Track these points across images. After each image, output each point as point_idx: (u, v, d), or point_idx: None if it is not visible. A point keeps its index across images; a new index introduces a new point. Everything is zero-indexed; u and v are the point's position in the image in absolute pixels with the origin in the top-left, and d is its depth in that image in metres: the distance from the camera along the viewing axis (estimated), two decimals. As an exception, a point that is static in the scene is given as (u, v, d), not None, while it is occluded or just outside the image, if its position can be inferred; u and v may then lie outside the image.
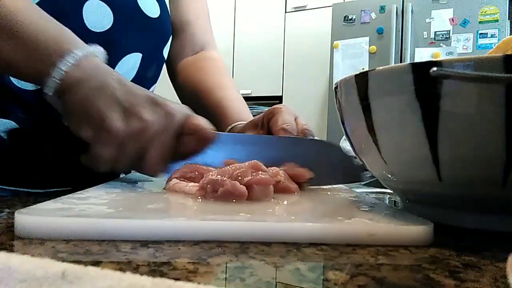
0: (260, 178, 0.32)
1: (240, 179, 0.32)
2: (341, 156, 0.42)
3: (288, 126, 0.44)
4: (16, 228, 0.23)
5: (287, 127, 0.44)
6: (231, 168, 0.33)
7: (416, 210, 0.31)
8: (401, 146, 0.27)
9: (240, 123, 0.55)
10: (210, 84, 0.64)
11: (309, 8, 3.31)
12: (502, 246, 0.25)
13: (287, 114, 0.46)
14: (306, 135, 0.45)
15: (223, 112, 0.59)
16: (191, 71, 0.67)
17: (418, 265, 0.20)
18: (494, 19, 2.41)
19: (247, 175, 0.32)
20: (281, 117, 0.45)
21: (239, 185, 0.31)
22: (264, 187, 0.32)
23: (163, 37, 0.59)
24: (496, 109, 0.22)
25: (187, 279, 0.17)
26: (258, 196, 0.31)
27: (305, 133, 0.45)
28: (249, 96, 3.57)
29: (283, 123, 0.44)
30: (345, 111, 0.32)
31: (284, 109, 0.47)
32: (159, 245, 0.22)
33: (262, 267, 0.19)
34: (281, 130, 0.43)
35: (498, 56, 0.22)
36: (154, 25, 0.55)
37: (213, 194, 0.31)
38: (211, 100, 0.61)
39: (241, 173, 0.32)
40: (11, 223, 0.26)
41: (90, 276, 0.15)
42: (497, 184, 0.24)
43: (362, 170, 0.42)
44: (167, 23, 0.59)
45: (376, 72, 0.27)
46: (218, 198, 0.31)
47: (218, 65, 0.68)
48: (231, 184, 0.30)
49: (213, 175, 0.32)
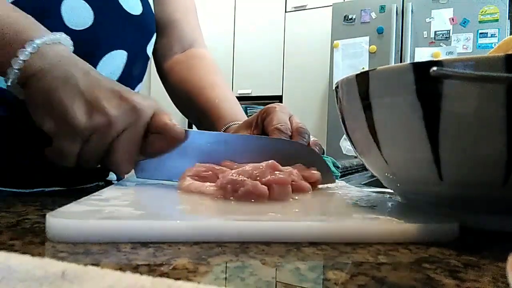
0: (279, 177, 0.32)
1: (259, 179, 0.32)
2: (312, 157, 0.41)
3: (283, 126, 0.43)
4: (48, 231, 0.22)
5: (281, 126, 0.43)
6: (249, 167, 0.33)
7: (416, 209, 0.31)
8: (402, 146, 0.27)
9: (235, 123, 0.54)
10: (202, 84, 0.63)
11: (309, 8, 3.31)
12: (502, 246, 0.25)
13: (281, 113, 0.45)
14: (301, 134, 0.44)
15: (216, 113, 0.58)
16: (182, 70, 0.67)
17: (418, 264, 0.20)
18: (494, 19, 2.41)
19: (266, 175, 0.32)
20: (275, 117, 0.44)
21: (260, 185, 0.31)
22: (283, 186, 0.32)
23: (147, 35, 0.58)
24: (497, 109, 0.22)
25: (187, 279, 0.17)
26: (277, 196, 0.32)
27: (300, 132, 0.44)
28: (249, 95, 3.57)
29: (277, 122, 0.43)
30: (346, 111, 0.32)
31: (278, 108, 0.46)
32: (159, 244, 0.22)
33: (262, 266, 0.19)
34: (275, 130, 0.43)
35: (499, 56, 0.22)
36: (137, 23, 0.54)
37: (233, 194, 0.31)
38: (203, 100, 0.60)
39: (260, 173, 0.32)
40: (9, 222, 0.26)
41: (90, 276, 0.15)
42: (498, 184, 0.24)
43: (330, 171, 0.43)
44: (151, 21, 0.58)
45: (377, 72, 0.27)
46: (238, 198, 0.31)
47: (209, 63, 0.68)
48: (252, 184, 0.30)
49: (232, 175, 0.32)
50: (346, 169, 1.30)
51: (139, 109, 0.36)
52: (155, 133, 0.38)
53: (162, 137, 0.38)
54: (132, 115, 0.36)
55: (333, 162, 1.13)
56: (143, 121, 0.36)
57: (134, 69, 0.56)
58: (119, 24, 0.52)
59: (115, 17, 0.51)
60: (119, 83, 0.38)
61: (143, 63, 0.59)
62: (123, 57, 0.53)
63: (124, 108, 0.35)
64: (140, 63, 0.58)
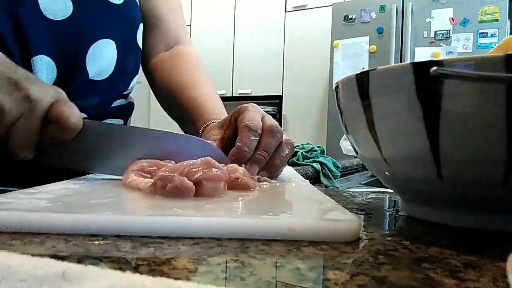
0: (210, 174, 0.31)
1: (191, 175, 0.31)
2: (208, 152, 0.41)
3: (252, 123, 0.43)
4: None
5: (250, 124, 0.43)
6: (183, 164, 0.33)
7: (416, 209, 0.31)
8: (401, 146, 0.27)
9: (213, 122, 0.54)
10: (184, 82, 0.62)
11: (309, 8, 3.31)
12: (502, 246, 0.25)
13: (253, 112, 0.45)
14: (272, 133, 0.43)
15: (196, 112, 0.58)
16: (166, 69, 0.66)
17: (418, 264, 0.20)
18: (494, 19, 2.41)
19: (198, 172, 0.32)
20: (246, 115, 0.44)
21: (187, 181, 0.30)
22: (214, 183, 0.32)
23: (131, 24, 0.58)
24: (497, 108, 0.22)
25: (187, 279, 0.17)
26: (208, 192, 0.31)
27: (272, 131, 0.44)
28: (249, 95, 3.57)
29: (247, 120, 0.43)
30: (346, 110, 0.32)
31: (251, 107, 0.46)
32: (159, 244, 0.22)
33: (262, 266, 0.19)
34: (245, 128, 0.43)
35: (499, 56, 0.22)
36: (119, 12, 0.54)
37: (161, 190, 0.31)
38: (185, 99, 0.60)
39: (191, 170, 0.32)
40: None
41: (90, 276, 0.15)
42: (498, 183, 0.24)
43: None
44: (134, 10, 0.58)
45: (377, 72, 0.27)
46: (166, 194, 0.30)
47: (192, 61, 0.67)
48: (179, 180, 0.30)
49: (164, 171, 0.32)
50: (346, 169, 1.30)
51: (33, 99, 0.36)
52: (53, 123, 0.38)
53: (57, 127, 0.38)
54: (24, 104, 0.36)
55: (333, 162, 1.14)
56: (37, 110, 0.36)
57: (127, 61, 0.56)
58: (100, 13, 0.51)
59: (95, 6, 0.51)
60: (22, 70, 0.38)
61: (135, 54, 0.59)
62: (112, 47, 0.53)
63: (16, 98, 0.35)
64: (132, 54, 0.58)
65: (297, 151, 1.13)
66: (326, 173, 1.09)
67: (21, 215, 0.23)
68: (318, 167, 1.08)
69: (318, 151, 1.15)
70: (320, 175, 1.08)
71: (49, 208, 0.25)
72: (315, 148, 1.16)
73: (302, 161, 1.11)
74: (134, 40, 0.58)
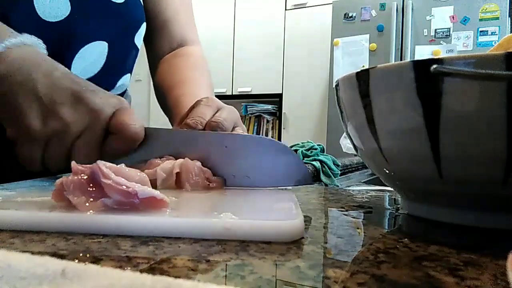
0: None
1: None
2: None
3: (192, 121, 0.41)
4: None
5: (190, 121, 0.41)
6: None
7: (416, 207, 0.31)
8: (402, 144, 0.27)
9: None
10: (173, 81, 0.61)
11: (309, 6, 3.31)
12: (502, 244, 0.25)
13: (205, 106, 0.43)
14: (212, 129, 0.41)
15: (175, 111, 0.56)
16: (163, 69, 0.66)
17: (418, 262, 0.20)
18: (495, 17, 2.40)
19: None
20: (195, 111, 0.43)
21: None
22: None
23: (131, 24, 0.56)
24: (498, 106, 0.22)
25: (187, 277, 0.17)
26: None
27: (211, 127, 0.41)
28: (249, 93, 3.57)
29: (191, 116, 0.42)
30: (346, 108, 0.32)
31: (204, 102, 0.44)
32: (159, 242, 0.22)
33: (262, 264, 0.19)
34: (184, 126, 0.41)
35: (499, 54, 0.22)
36: (120, 11, 0.52)
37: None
38: (172, 97, 0.59)
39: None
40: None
41: (90, 274, 0.15)
42: (498, 182, 0.24)
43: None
44: (137, 9, 0.57)
45: (377, 70, 0.27)
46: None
47: (190, 60, 0.66)
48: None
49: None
50: (346, 167, 1.30)
51: (96, 111, 0.35)
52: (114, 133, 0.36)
53: (119, 137, 0.36)
54: (89, 117, 0.35)
55: (333, 160, 1.14)
56: (100, 123, 0.35)
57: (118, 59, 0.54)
58: (99, 14, 0.50)
59: (94, 7, 0.50)
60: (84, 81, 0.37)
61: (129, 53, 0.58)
62: (104, 48, 0.51)
63: (80, 111, 0.35)
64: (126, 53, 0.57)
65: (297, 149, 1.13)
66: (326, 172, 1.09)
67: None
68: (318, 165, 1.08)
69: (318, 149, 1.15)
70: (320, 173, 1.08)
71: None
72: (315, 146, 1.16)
73: (302, 159, 1.11)
74: (132, 40, 0.57)
